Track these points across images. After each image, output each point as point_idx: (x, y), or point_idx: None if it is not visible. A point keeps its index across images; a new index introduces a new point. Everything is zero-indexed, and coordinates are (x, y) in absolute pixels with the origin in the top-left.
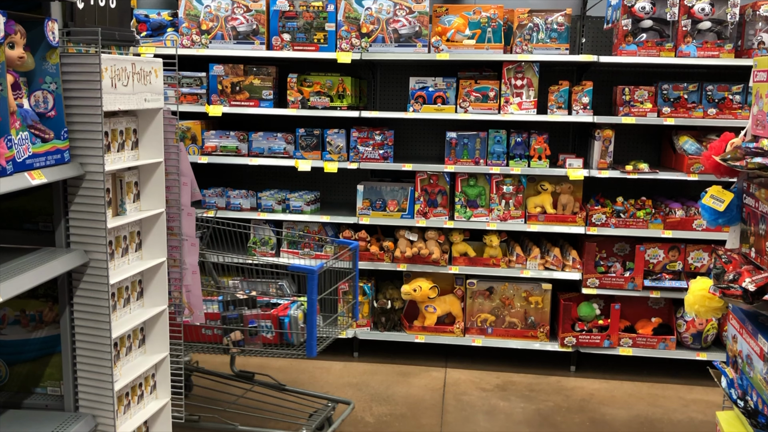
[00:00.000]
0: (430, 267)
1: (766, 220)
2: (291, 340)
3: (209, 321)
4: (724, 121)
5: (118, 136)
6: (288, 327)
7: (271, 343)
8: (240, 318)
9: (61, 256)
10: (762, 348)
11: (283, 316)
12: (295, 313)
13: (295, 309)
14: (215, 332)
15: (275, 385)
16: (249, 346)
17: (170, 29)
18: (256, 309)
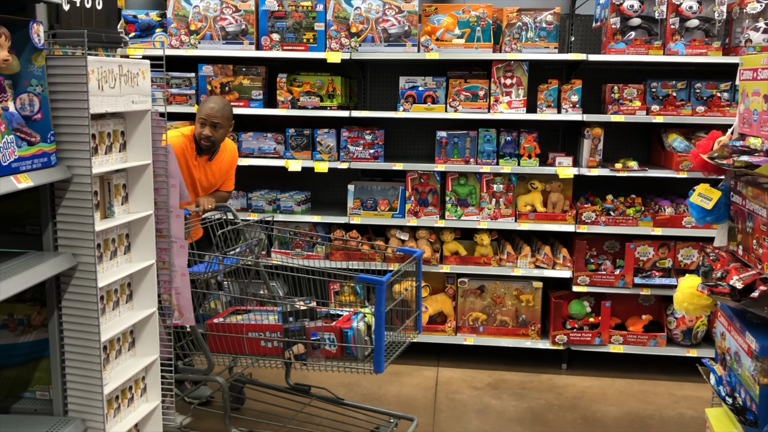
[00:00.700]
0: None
1: (753, 217)
2: (355, 354)
3: (269, 333)
4: (713, 118)
5: (105, 138)
6: (352, 340)
7: (333, 356)
8: (302, 330)
9: (48, 260)
10: (750, 345)
11: (346, 329)
12: (359, 325)
13: (358, 321)
14: (275, 345)
15: (333, 399)
16: (311, 360)
17: (159, 30)
18: (317, 320)
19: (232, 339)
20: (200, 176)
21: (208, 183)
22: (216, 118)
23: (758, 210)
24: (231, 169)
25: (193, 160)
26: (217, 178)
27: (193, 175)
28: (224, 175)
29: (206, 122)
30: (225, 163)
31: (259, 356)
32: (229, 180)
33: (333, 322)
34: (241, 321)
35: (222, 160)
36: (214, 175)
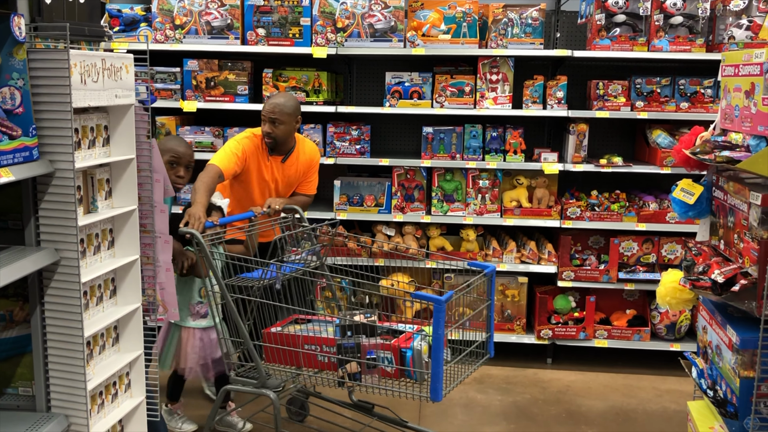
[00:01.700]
0: (408, 261)
1: (734, 212)
2: (413, 376)
3: (325, 347)
4: (696, 114)
5: (88, 132)
6: (411, 362)
7: (390, 377)
8: (357, 347)
9: (31, 255)
10: (731, 338)
11: (405, 349)
12: (420, 345)
13: (419, 341)
14: (330, 360)
15: (396, 421)
16: (366, 380)
17: (143, 24)
18: (375, 337)
19: (288, 351)
20: (273, 178)
21: (282, 185)
22: (275, 114)
23: (739, 205)
24: (309, 171)
25: (265, 161)
26: (293, 180)
27: (263, 176)
28: (300, 176)
29: (266, 118)
30: (302, 164)
31: (315, 371)
32: (309, 183)
33: (393, 340)
34: (298, 332)
35: (297, 161)
36: (288, 177)
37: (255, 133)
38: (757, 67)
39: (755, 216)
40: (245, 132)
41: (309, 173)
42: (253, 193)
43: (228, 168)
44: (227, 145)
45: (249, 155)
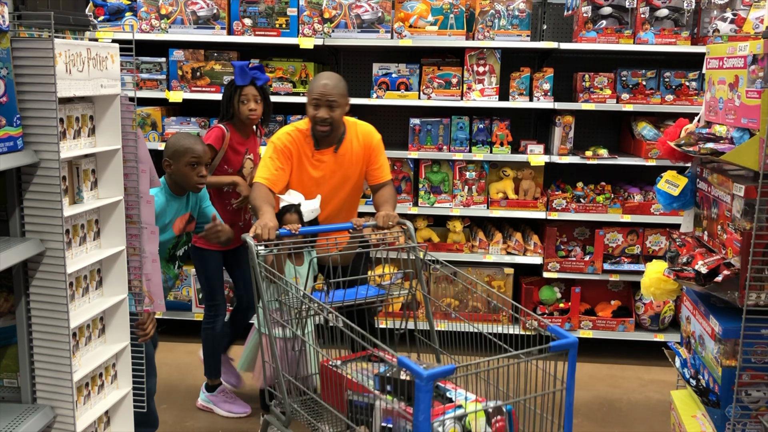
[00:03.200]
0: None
1: (718, 204)
2: None
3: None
4: (681, 107)
5: (73, 122)
6: None
7: None
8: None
9: (15, 246)
10: (713, 328)
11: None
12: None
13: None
14: None
15: None
16: None
17: (128, 13)
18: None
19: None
20: (324, 173)
21: (338, 179)
22: (332, 96)
23: (723, 196)
24: (373, 153)
25: (311, 159)
26: (352, 169)
27: (310, 174)
28: (360, 162)
29: (320, 102)
30: (358, 150)
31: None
32: (379, 168)
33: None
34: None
35: (352, 148)
36: (345, 169)
37: (298, 127)
38: (741, 60)
39: (738, 207)
40: (284, 129)
41: (373, 157)
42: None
43: (273, 180)
44: (266, 152)
45: (292, 152)
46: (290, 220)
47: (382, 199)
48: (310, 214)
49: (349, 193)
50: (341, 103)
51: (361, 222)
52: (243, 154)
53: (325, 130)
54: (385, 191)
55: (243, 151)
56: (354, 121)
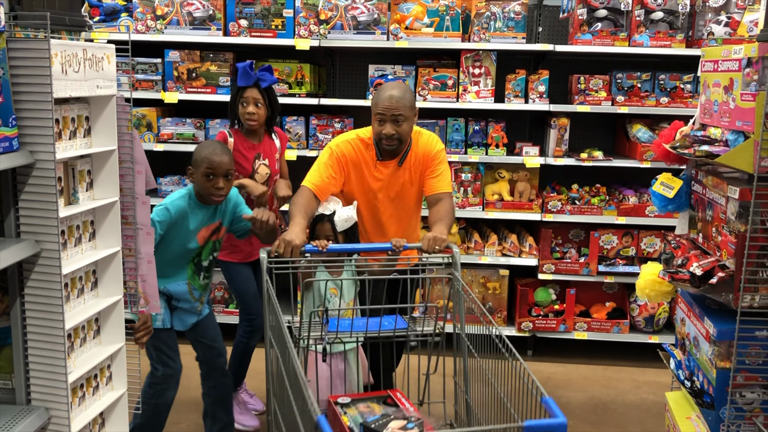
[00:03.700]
0: None
1: (712, 206)
2: None
3: None
4: (676, 109)
5: (69, 123)
6: None
7: None
8: None
9: (10, 246)
10: (708, 330)
11: None
12: None
13: None
14: None
15: None
16: None
17: (124, 14)
18: None
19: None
20: (383, 185)
21: (397, 192)
22: (398, 110)
23: (717, 199)
24: (431, 163)
25: (372, 170)
26: (412, 182)
27: (371, 187)
28: (420, 174)
29: (385, 117)
30: (417, 163)
31: None
32: (438, 177)
33: None
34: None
35: (412, 160)
36: (405, 181)
37: (360, 136)
38: (736, 63)
39: (733, 210)
40: (344, 136)
41: (430, 166)
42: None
43: (322, 187)
44: (321, 156)
45: (350, 165)
46: (322, 231)
47: (436, 216)
48: (344, 223)
49: (409, 208)
50: (408, 117)
51: (402, 243)
52: (252, 159)
53: (391, 146)
54: (441, 207)
55: (252, 156)
56: (417, 131)
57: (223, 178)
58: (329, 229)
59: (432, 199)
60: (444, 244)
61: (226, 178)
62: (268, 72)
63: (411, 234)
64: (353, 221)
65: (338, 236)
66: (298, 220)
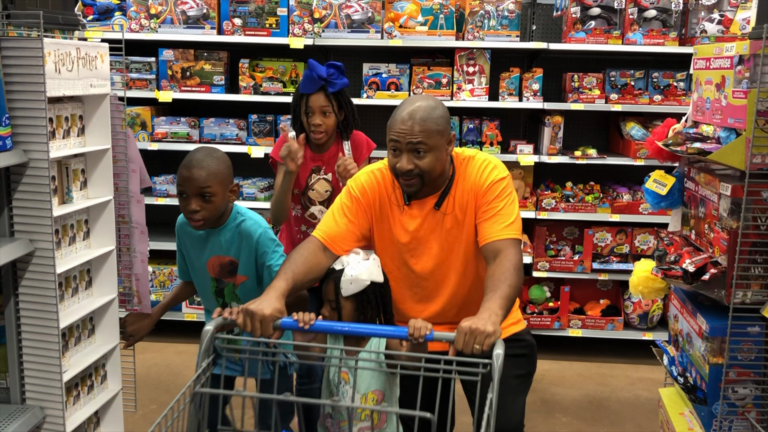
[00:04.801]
0: None
1: (705, 203)
2: None
3: None
4: (669, 107)
5: (63, 122)
6: None
7: None
8: None
9: (4, 246)
10: (701, 326)
11: None
12: None
13: None
14: None
15: None
16: None
17: (118, 13)
18: None
19: None
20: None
21: (445, 247)
22: (417, 136)
23: (710, 196)
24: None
25: (398, 216)
26: (466, 225)
27: (395, 238)
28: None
29: (400, 145)
30: (468, 191)
31: None
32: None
33: None
34: None
35: (463, 194)
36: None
37: (384, 170)
38: (728, 61)
39: (725, 207)
40: (367, 169)
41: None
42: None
43: (335, 236)
44: (338, 197)
45: (375, 206)
46: (326, 294)
47: (489, 281)
48: (349, 286)
49: (463, 267)
50: (436, 145)
51: (424, 330)
52: (309, 172)
53: (411, 187)
54: (499, 265)
55: (310, 167)
56: (467, 157)
57: (196, 199)
58: (332, 293)
59: (487, 253)
60: (489, 342)
61: (202, 199)
62: (337, 72)
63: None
64: (363, 284)
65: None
66: (277, 283)
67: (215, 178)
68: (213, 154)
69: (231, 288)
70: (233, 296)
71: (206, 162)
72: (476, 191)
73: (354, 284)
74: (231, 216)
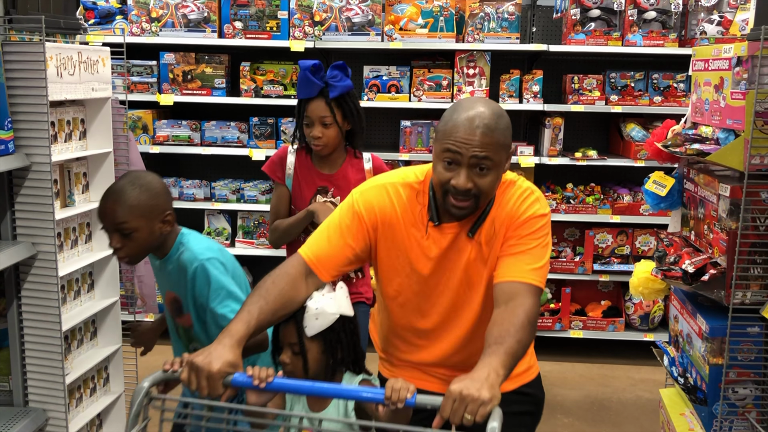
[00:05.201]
0: None
1: (704, 204)
2: None
3: None
4: (669, 108)
5: (65, 126)
6: None
7: None
8: None
9: (7, 249)
10: (700, 327)
11: None
12: None
13: None
14: None
15: None
16: None
17: (119, 17)
18: None
19: None
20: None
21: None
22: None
23: (709, 197)
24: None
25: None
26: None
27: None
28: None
29: (461, 158)
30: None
31: None
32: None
33: None
34: None
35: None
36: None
37: (407, 181)
38: (726, 62)
39: (724, 207)
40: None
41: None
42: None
43: (324, 258)
44: (336, 209)
45: (381, 226)
46: (285, 338)
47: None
48: (314, 322)
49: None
50: (499, 162)
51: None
52: (313, 193)
53: (463, 209)
54: (511, 313)
55: (313, 189)
56: (509, 181)
57: (116, 235)
58: (293, 334)
59: (500, 294)
60: (483, 412)
61: (122, 235)
62: (340, 73)
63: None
64: (330, 319)
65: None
66: (234, 327)
67: (133, 213)
68: (136, 182)
69: (183, 330)
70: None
71: (124, 194)
72: (510, 222)
73: (320, 319)
74: (174, 246)
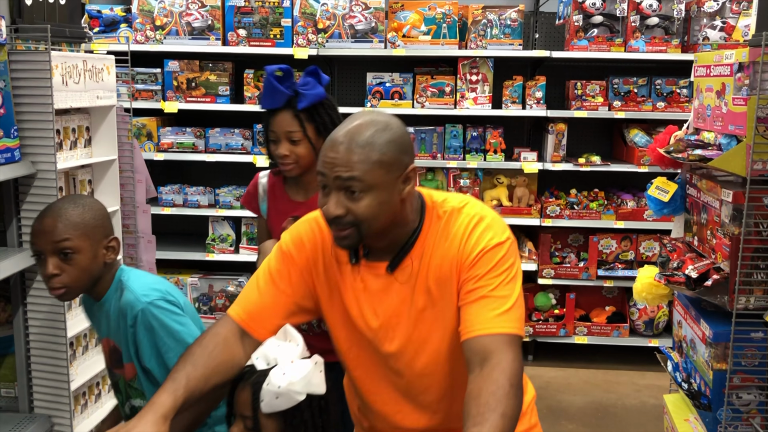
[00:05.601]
0: None
1: (707, 209)
2: None
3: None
4: (672, 114)
5: (70, 133)
6: None
7: None
8: None
9: (13, 256)
10: (704, 332)
11: None
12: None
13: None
14: None
15: None
16: None
17: (124, 25)
18: None
19: None
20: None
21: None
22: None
23: (712, 202)
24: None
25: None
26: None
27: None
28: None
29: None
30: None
31: None
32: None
33: None
34: None
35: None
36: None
37: None
38: (728, 68)
39: (727, 213)
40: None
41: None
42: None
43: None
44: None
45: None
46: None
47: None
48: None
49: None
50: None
51: None
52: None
53: (344, 237)
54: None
55: (286, 217)
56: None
57: (53, 258)
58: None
59: (470, 354)
60: None
61: (61, 258)
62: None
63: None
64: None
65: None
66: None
67: (76, 229)
68: (78, 201)
69: (123, 383)
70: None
71: (65, 211)
72: (461, 262)
73: (282, 399)
74: (113, 284)
